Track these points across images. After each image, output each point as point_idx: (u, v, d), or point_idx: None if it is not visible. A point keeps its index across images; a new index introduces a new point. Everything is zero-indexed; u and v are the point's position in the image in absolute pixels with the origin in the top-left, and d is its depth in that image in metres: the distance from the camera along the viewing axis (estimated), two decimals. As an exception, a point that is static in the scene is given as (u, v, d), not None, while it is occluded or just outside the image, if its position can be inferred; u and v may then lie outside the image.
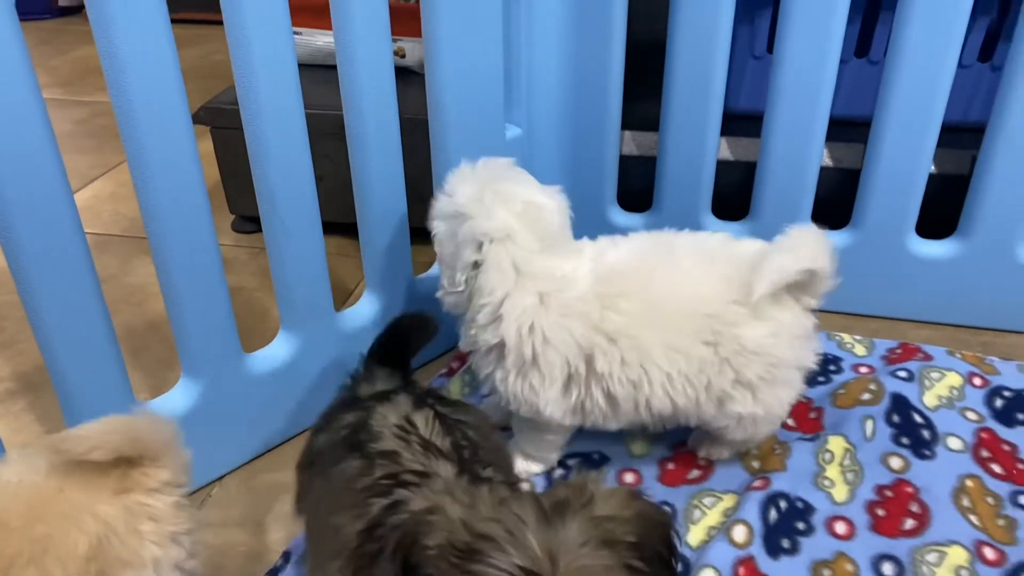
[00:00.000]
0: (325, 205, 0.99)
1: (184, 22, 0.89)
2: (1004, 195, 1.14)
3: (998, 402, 1.07)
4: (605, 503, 0.57)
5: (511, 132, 1.20)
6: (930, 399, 1.06)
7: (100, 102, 2.23)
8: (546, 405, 0.90)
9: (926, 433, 1.01)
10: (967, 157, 1.21)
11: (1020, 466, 0.98)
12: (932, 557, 0.87)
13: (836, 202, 1.25)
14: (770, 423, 0.94)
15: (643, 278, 0.89)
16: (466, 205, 0.87)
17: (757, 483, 0.95)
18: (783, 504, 0.93)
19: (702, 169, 1.23)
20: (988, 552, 0.87)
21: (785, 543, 0.89)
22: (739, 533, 0.89)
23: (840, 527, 0.91)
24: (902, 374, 1.09)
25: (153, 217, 0.85)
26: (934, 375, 1.10)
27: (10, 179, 0.73)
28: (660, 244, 0.93)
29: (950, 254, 1.21)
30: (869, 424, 1.02)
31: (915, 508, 0.92)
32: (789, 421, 1.05)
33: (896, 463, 0.98)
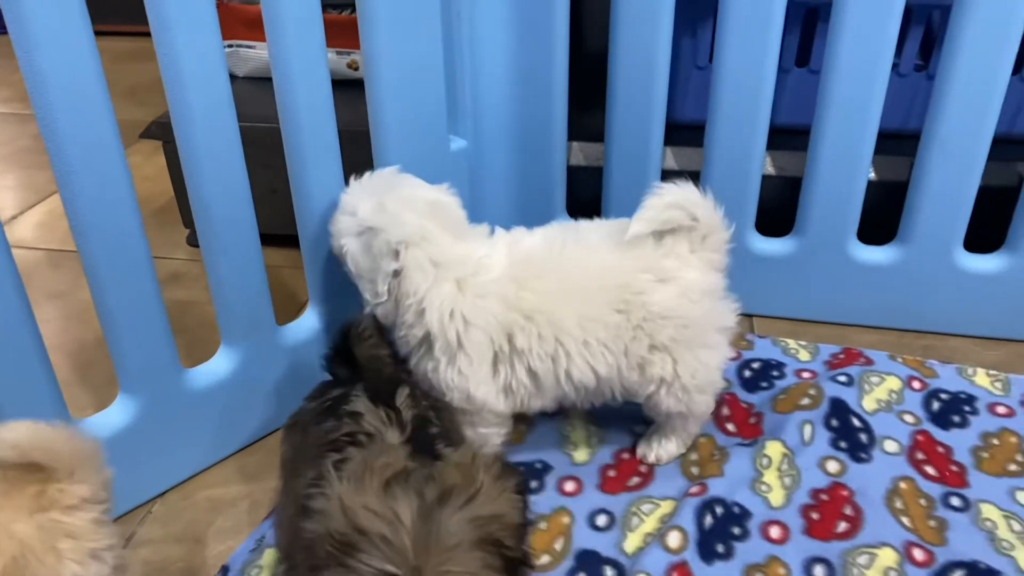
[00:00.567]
0: (279, 218, 0.99)
1: (142, 35, 0.90)
2: (939, 201, 1.16)
3: (935, 404, 1.09)
4: (490, 501, 0.60)
5: (456, 144, 1.20)
6: (869, 403, 1.08)
7: (61, 117, 2.22)
8: (477, 387, 0.92)
9: (864, 437, 1.03)
10: (907, 164, 1.23)
11: (953, 468, 1.00)
12: (863, 559, 0.88)
13: (780, 210, 1.26)
14: (702, 391, 0.96)
15: (555, 258, 0.93)
16: (372, 219, 0.91)
17: (694, 489, 0.96)
18: (719, 509, 0.93)
19: (647, 179, 1.24)
20: (917, 553, 0.89)
21: (719, 548, 0.90)
22: (674, 539, 0.90)
23: (775, 531, 0.92)
24: (842, 379, 1.10)
25: (82, 235, 0.85)
26: (874, 379, 1.11)
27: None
28: (569, 230, 0.97)
29: (891, 259, 1.23)
30: (808, 429, 1.03)
31: (848, 511, 0.93)
32: (729, 427, 1.07)
33: (833, 467, 0.99)
